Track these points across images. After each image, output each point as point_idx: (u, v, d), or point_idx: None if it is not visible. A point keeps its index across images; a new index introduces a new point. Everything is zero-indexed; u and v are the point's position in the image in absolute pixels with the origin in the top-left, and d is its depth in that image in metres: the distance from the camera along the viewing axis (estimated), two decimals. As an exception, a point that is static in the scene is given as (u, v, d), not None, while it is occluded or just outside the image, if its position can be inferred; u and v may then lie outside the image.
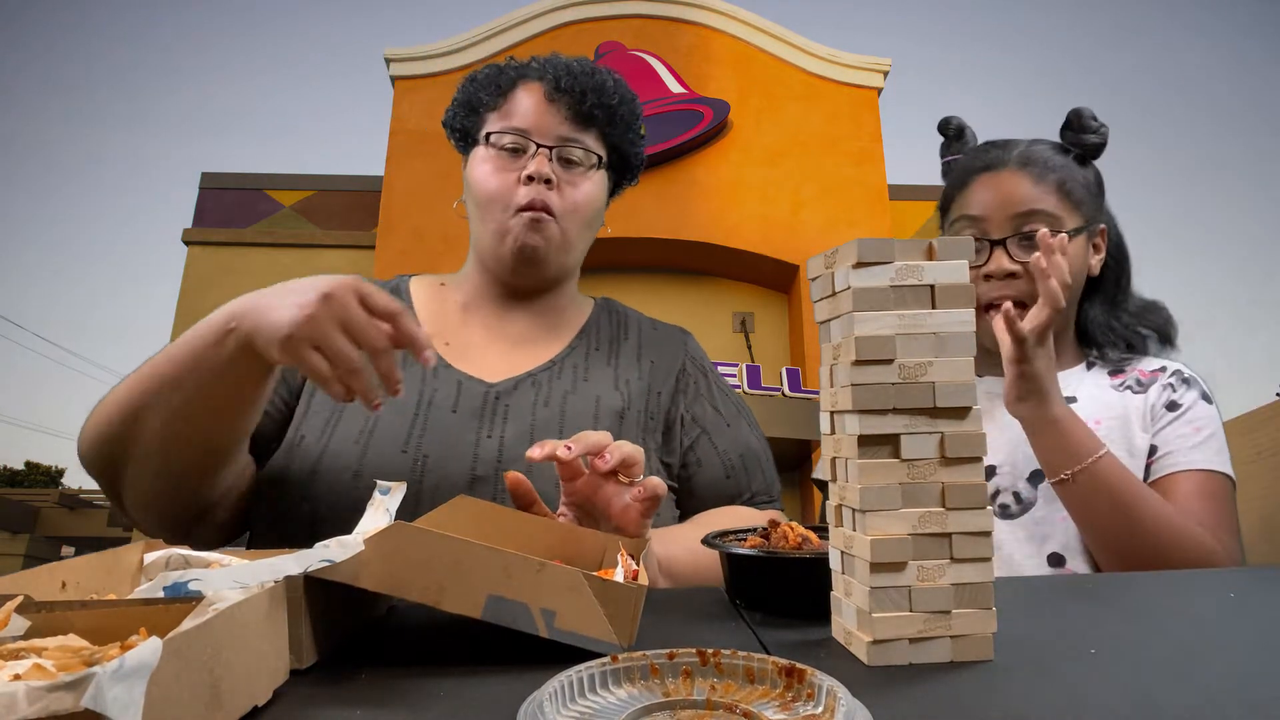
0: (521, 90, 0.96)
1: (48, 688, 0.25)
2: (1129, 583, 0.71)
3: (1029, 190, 1.01)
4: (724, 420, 1.01)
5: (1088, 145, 1.06)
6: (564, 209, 0.93)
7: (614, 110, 0.97)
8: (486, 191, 0.93)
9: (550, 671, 0.37)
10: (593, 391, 0.94)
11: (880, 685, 0.41)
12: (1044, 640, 0.48)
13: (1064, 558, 0.95)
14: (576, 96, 0.94)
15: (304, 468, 0.83)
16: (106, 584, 0.51)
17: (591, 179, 0.96)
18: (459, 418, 0.87)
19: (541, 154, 0.92)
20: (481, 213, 0.95)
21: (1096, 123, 1.06)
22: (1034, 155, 1.04)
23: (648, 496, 0.66)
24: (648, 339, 1.04)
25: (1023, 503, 0.98)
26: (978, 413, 0.46)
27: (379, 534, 0.45)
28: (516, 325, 0.99)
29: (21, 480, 25.00)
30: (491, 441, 0.86)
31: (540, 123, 0.94)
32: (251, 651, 0.37)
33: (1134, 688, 0.39)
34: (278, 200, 8.37)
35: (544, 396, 0.91)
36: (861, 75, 8.01)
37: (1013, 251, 1.00)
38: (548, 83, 0.95)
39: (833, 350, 0.48)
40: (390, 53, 7.78)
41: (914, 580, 0.44)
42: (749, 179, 7.50)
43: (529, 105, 0.94)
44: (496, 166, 0.93)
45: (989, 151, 1.07)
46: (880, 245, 0.46)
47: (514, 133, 0.94)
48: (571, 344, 1.00)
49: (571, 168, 0.95)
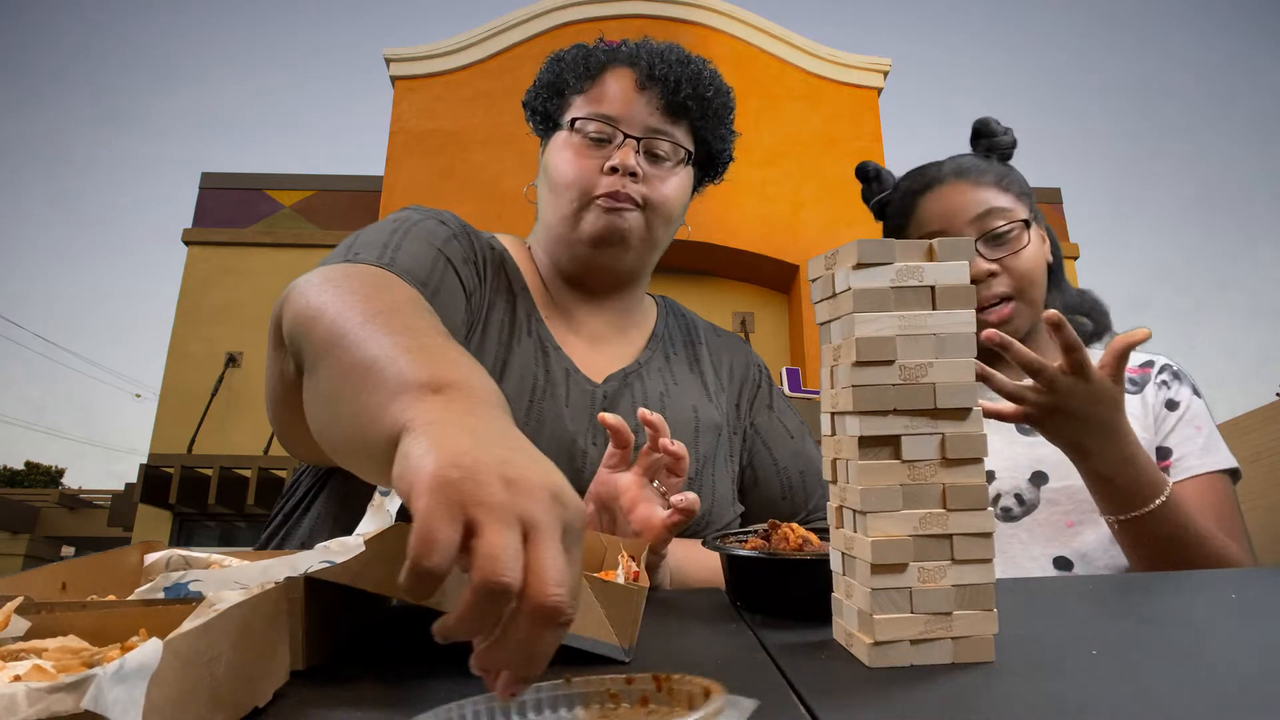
0: (610, 75, 0.90)
1: (48, 689, 0.25)
2: (1129, 583, 0.71)
3: (975, 194, 1.03)
4: (789, 432, 0.98)
5: (1000, 146, 1.10)
6: (649, 201, 0.87)
7: (708, 102, 0.90)
8: (565, 178, 0.87)
9: (550, 671, 0.37)
10: (686, 399, 0.91)
11: (881, 687, 0.41)
12: (1044, 641, 0.48)
13: (1071, 562, 0.95)
14: (670, 86, 0.87)
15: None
16: (106, 585, 0.51)
17: (678, 175, 0.90)
18: (570, 415, 0.84)
19: (629, 145, 0.86)
20: (556, 199, 0.88)
21: (1002, 127, 1.11)
22: (964, 165, 1.07)
23: (685, 510, 0.62)
24: (714, 346, 1.02)
25: (1025, 504, 0.98)
26: (978, 414, 0.46)
27: (379, 534, 0.45)
28: (591, 323, 0.94)
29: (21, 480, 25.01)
30: (598, 450, 0.82)
31: (629, 111, 0.87)
32: (252, 652, 0.37)
33: (1134, 688, 0.39)
34: (278, 200, 8.37)
35: (642, 399, 0.88)
36: (861, 75, 8.01)
37: (984, 252, 1.02)
38: (640, 69, 0.88)
39: (833, 351, 0.48)
40: (390, 53, 7.78)
41: (915, 582, 0.44)
42: (749, 179, 7.50)
43: (618, 91, 0.88)
44: (578, 153, 0.87)
45: (921, 174, 1.09)
46: (880, 246, 0.45)
47: (601, 119, 0.87)
48: (648, 345, 0.96)
49: (658, 162, 0.89)
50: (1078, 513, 0.96)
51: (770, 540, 0.62)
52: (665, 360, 0.95)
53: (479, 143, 7.41)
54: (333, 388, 0.53)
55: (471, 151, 7.22)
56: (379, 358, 0.48)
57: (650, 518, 0.64)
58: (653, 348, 0.96)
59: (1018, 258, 1.01)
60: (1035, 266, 1.03)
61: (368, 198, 7.92)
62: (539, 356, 0.86)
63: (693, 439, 0.87)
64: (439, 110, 7.60)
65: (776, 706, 0.38)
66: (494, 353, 0.83)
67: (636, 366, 0.92)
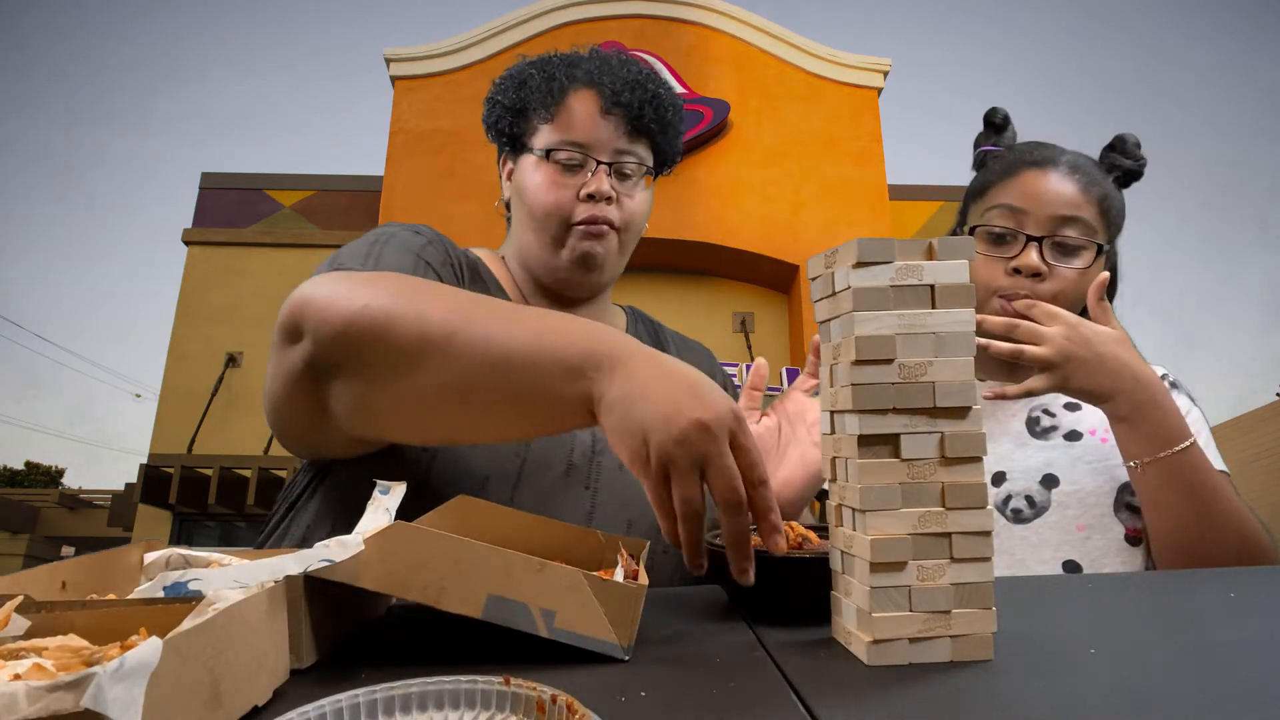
0: (574, 99, 0.94)
1: (48, 687, 0.25)
2: (1129, 583, 0.71)
3: (1076, 196, 1.00)
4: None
5: (1127, 170, 1.06)
6: (622, 221, 0.93)
7: (668, 122, 0.97)
8: (543, 206, 0.92)
9: (550, 671, 0.37)
10: None
11: (880, 685, 0.41)
12: (1044, 640, 0.48)
13: (1080, 566, 0.94)
14: (635, 111, 0.93)
15: (418, 474, 0.77)
16: (106, 584, 0.51)
17: (643, 189, 0.96)
18: None
19: (601, 171, 0.91)
20: (536, 224, 0.93)
21: (1139, 152, 1.07)
22: (1083, 165, 1.03)
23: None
24: (683, 352, 1.05)
25: (1036, 507, 0.98)
26: (978, 412, 0.46)
27: (379, 534, 0.45)
28: None
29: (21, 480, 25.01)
30: (584, 431, 0.85)
31: (597, 137, 0.92)
32: (252, 651, 0.37)
33: (1134, 688, 0.39)
34: (278, 200, 8.37)
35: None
36: (861, 75, 8.01)
37: (1046, 252, 0.99)
38: (604, 94, 0.93)
39: (833, 350, 0.48)
40: (390, 53, 7.78)
41: (914, 580, 0.44)
42: (749, 179, 7.50)
43: (585, 117, 0.93)
44: (553, 180, 0.92)
45: (1039, 148, 1.06)
46: (880, 245, 0.46)
47: (573, 148, 0.92)
48: None
49: (626, 181, 0.94)
50: (1088, 517, 0.95)
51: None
52: None
53: (479, 143, 7.36)
54: (464, 382, 0.61)
55: (471, 151, 7.22)
56: (520, 348, 0.59)
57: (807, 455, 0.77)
58: None
59: (1073, 275, 0.99)
60: (1080, 292, 1.00)
61: (368, 198, 7.92)
62: None
63: None
64: (439, 110, 7.60)
65: (775, 705, 0.38)
66: None
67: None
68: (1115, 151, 1.07)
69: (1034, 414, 1.05)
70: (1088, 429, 1.01)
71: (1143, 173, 1.07)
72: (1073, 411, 1.03)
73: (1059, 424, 1.03)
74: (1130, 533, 0.94)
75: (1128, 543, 0.95)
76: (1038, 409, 1.05)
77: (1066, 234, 0.99)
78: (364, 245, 0.83)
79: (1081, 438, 1.01)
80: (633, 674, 0.43)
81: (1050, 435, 1.02)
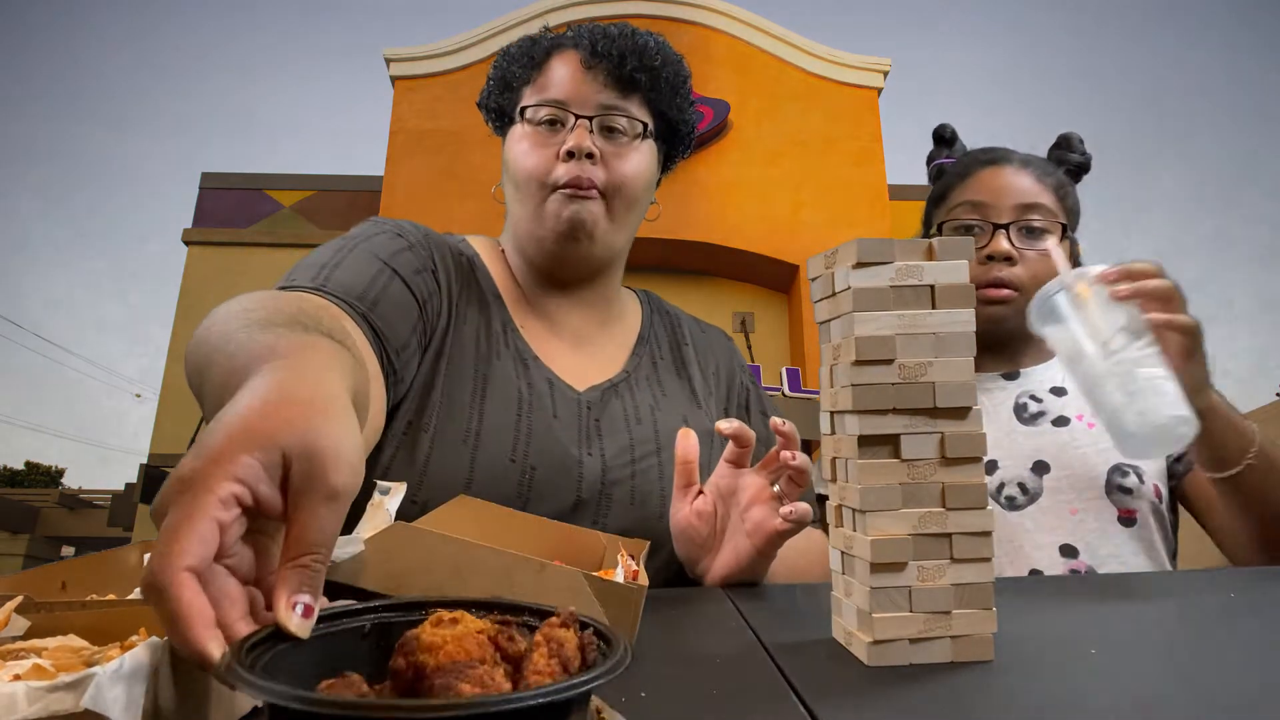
0: (557, 60, 0.89)
1: (48, 688, 0.25)
2: (1128, 583, 0.71)
3: (1032, 185, 1.06)
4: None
5: (1073, 163, 1.12)
6: (610, 184, 0.86)
7: (657, 73, 0.89)
8: (524, 170, 0.86)
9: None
10: (676, 408, 0.91)
11: (880, 685, 0.41)
12: (1044, 640, 0.48)
13: (1076, 549, 0.95)
14: (615, 60, 0.87)
15: (415, 468, 0.76)
16: (106, 584, 0.51)
17: (639, 150, 0.88)
18: (561, 427, 0.83)
19: (581, 125, 0.85)
20: (519, 193, 0.88)
21: (1083, 147, 1.13)
22: (1034, 160, 1.10)
23: (796, 520, 0.65)
24: (700, 344, 1.01)
25: (1029, 493, 0.99)
26: (978, 412, 0.46)
27: (379, 534, 0.45)
28: (571, 320, 0.93)
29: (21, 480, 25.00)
30: (593, 460, 0.82)
31: (578, 92, 0.86)
32: (251, 651, 0.37)
33: (1134, 688, 0.39)
34: (278, 200, 8.37)
35: (632, 411, 0.87)
36: (861, 75, 8.01)
37: (1014, 238, 1.04)
38: (584, 49, 0.88)
39: (833, 350, 0.48)
40: (390, 53, 7.78)
41: (914, 580, 0.44)
42: (749, 179, 7.50)
43: (565, 74, 0.88)
44: (534, 143, 0.87)
45: (990, 150, 1.12)
46: (880, 245, 0.46)
47: (550, 104, 0.87)
48: (636, 351, 0.95)
49: (615, 137, 0.87)
50: (1080, 500, 0.97)
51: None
52: (653, 366, 0.95)
53: (479, 143, 7.40)
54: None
55: (471, 151, 7.22)
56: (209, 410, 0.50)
57: (764, 522, 0.66)
58: (640, 353, 0.95)
59: (1041, 259, 1.03)
60: (1052, 274, 1.03)
61: (368, 198, 7.92)
62: (519, 370, 0.85)
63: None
64: (439, 110, 7.60)
65: (775, 705, 0.38)
66: (472, 368, 0.82)
67: (625, 376, 0.91)
68: (1062, 149, 1.14)
69: (1021, 400, 1.06)
70: (1075, 414, 1.03)
71: (1090, 166, 1.13)
72: (1059, 396, 1.05)
73: (1046, 409, 1.04)
74: (1123, 514, 0.96)
75: (1121, 524, 0.96)
76: (1024, 395, 1.07)
77: (1031, 219, 1.04)
78: (330, 251, 0.79)
79: (1069, 422, 1.02)
80: (633, 674, 0.43)
81: (1038, 421, 1.03)
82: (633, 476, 0.82)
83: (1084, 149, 1.13)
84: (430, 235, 0.90)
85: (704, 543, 0.69)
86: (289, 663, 0.29)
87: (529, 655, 0.29)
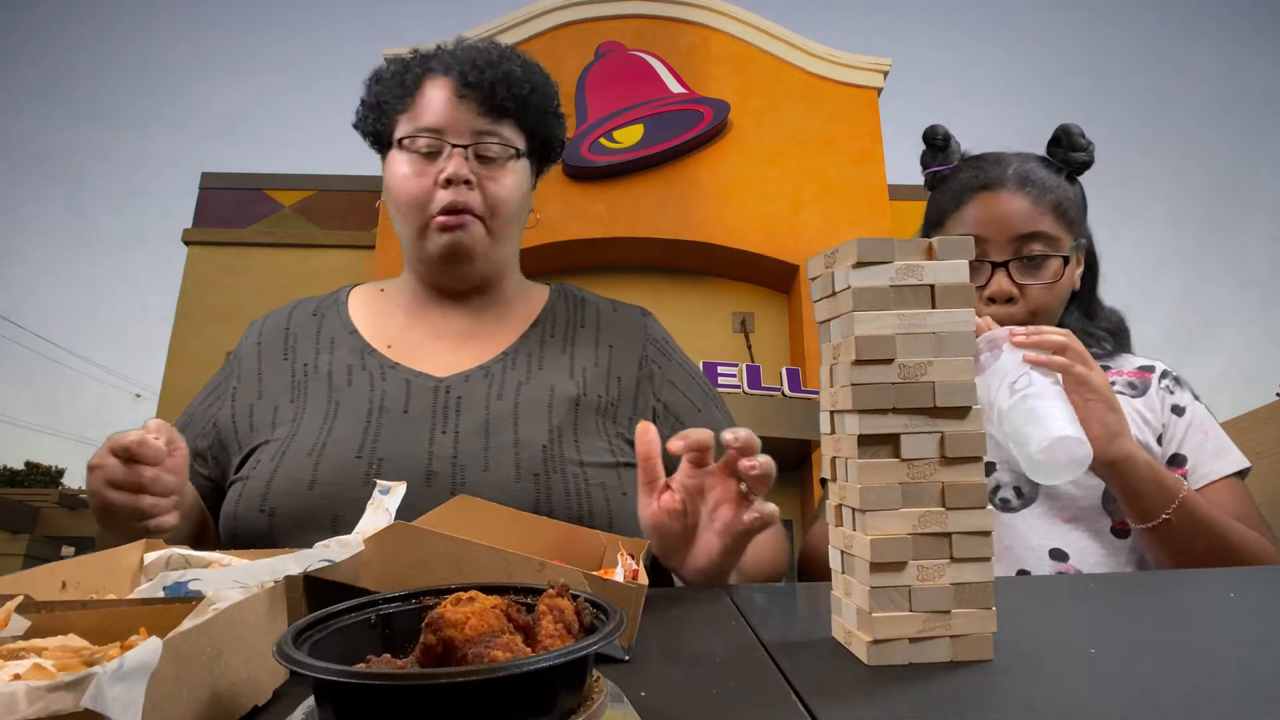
0: (430, 87, 0.93)
1: (48, 688, 0.25)
2: (1129, 583, 0.71)
3: (1029, 212, 1.01)
4: (694, 405, 0.99)
5: (1076, 162, 1.07)
6: (488, 206, 0.92)
7: (526, 100, 0.94)
8: (405, 197, 0.91)
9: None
10: (547, 380, 0.93)
11: (880, 685, 0.41)
12: (1044, 640, 0.48)
13: (1066, 554, 0.95)
14: (486, 90, 0.91)
15: (258, 488, 0.83)
16: (106, 584, 0.51)
17: (512, 171, 0.94)
18: (411, 417, 0.87)
19: (457, 154, 0.90)
20: (404, 218, 0.93)
21: (1085, 140, 1.07)
22: (1030, 174, 1.04)
23: (765, 519, 0.65)
24: (607, 322, 1.02)
25: (1024, 497, 0.99)
26: (978, 412, 0.46)
27: (379, 534, 0.45)
28: (458, 324, 0.98)
29: (21, 480, 25.00)
30: (446, 437, 0.85)
31: (452, 120, 0.91)
32: (251, 651, 0.37)
33: (1134, 688, 0.39)
34: (278, 200, 8.38)
35: (497, 388, 0.90)
36: (861, 75, 8.01)
37: (1014, 274, 1.01)
38: (455, 77, 0.92)
39: (833, 350, 0.48)
40: (390, 53, 7.78)
41: (914, 580, 0.44)
42: (749, 179, 7.50)
43: (439, 103, 0.92)
44: (413, 170, 0.91)
45: (984, 168, 1.06)
46: (880, 245, 0.46)
47: (427, 134, 0.91)
48: (525, 334, 0.98)
49: (489, 163, 0.92)
50: (1076, 508, 0.97)
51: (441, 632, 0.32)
52: (539, 345, 0.97)
53: (479, 143, 7.40)
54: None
55: (471, 151, 7.22)
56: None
57: (732, 522, 0.66)
58: (529, 334, 0.98)
59: (1044, 289, 1.00)
60: (1057, 300, 1.02)
61: (368, 198, 7.92)
62: (375, 383, 0.91)
63: (545, 414, 0.89)
64: (439, 110, 7.61)
65: (775, 705, 0.38)
66: (325, 399, 0.90)
67: (502, 358, 0.94)
68: (1062, 146, 1.07)
69: None
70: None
71: (1093, 160, 1.07)
72: None
73: None
74: (1118, 525, 0.95)
75: (1115, 535, 0.96)
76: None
77: (1031, 249, 1.00)
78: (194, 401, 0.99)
79: None
80: (633, 674, 0.43)
81: None
82: (487, 448, 0.85)
83: (1085, 142, 1.07)
84: (260, 328, 1.01)
85: (678, 539, 0.70)
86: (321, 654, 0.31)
87: (538, 624, 0.33)
